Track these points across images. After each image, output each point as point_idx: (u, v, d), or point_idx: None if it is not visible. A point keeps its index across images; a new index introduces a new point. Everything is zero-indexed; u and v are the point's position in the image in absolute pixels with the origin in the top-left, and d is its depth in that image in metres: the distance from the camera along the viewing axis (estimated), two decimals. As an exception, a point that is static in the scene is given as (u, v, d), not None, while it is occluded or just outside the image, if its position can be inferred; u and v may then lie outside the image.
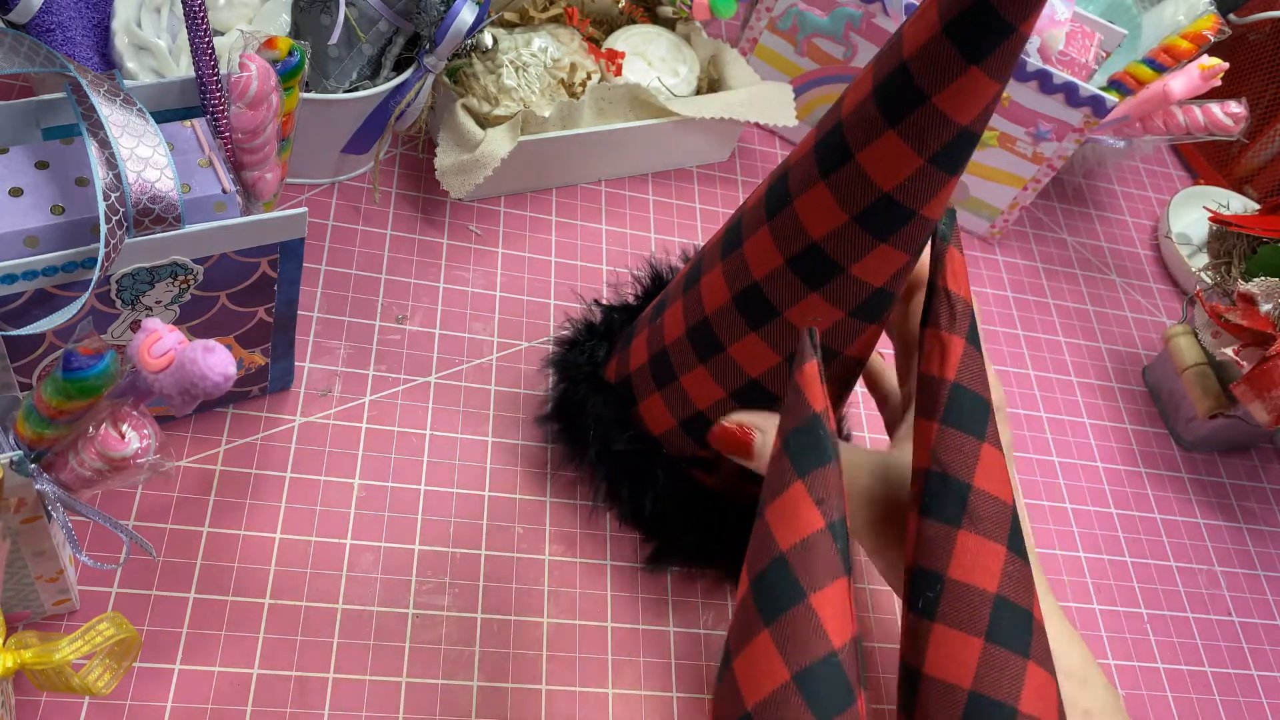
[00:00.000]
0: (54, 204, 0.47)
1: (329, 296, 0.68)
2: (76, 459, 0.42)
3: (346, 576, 0.57)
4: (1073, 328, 0.86)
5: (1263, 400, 0.69)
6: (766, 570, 0.35)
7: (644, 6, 0.85)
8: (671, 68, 0.81)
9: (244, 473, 0.59)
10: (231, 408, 0.61)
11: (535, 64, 0.74)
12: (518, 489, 0.63)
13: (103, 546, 0.55)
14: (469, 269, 0.72)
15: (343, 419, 0.63)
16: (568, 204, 0.79)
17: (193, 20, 0.50)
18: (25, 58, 0.49)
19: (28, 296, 0.46)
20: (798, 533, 0.35)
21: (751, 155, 0.88)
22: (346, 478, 0.61)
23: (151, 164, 0.45)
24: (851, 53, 0.83)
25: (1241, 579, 0.75)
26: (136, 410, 0.42)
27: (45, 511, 0.44)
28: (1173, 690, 0.68)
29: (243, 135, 0.50)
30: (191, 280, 0.50)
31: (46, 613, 0.51)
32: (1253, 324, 0.71)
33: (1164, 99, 0.81)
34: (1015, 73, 0.78)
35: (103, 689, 0.44)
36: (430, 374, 0.67)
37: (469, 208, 0.76)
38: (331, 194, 0.73)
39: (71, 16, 0.61)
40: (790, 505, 0.35)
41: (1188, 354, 0.79)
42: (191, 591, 0.54)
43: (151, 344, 0.39)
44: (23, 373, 0.50)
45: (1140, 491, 0.77)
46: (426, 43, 0.67)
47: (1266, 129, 0.98)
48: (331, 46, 0.68)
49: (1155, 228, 0.96)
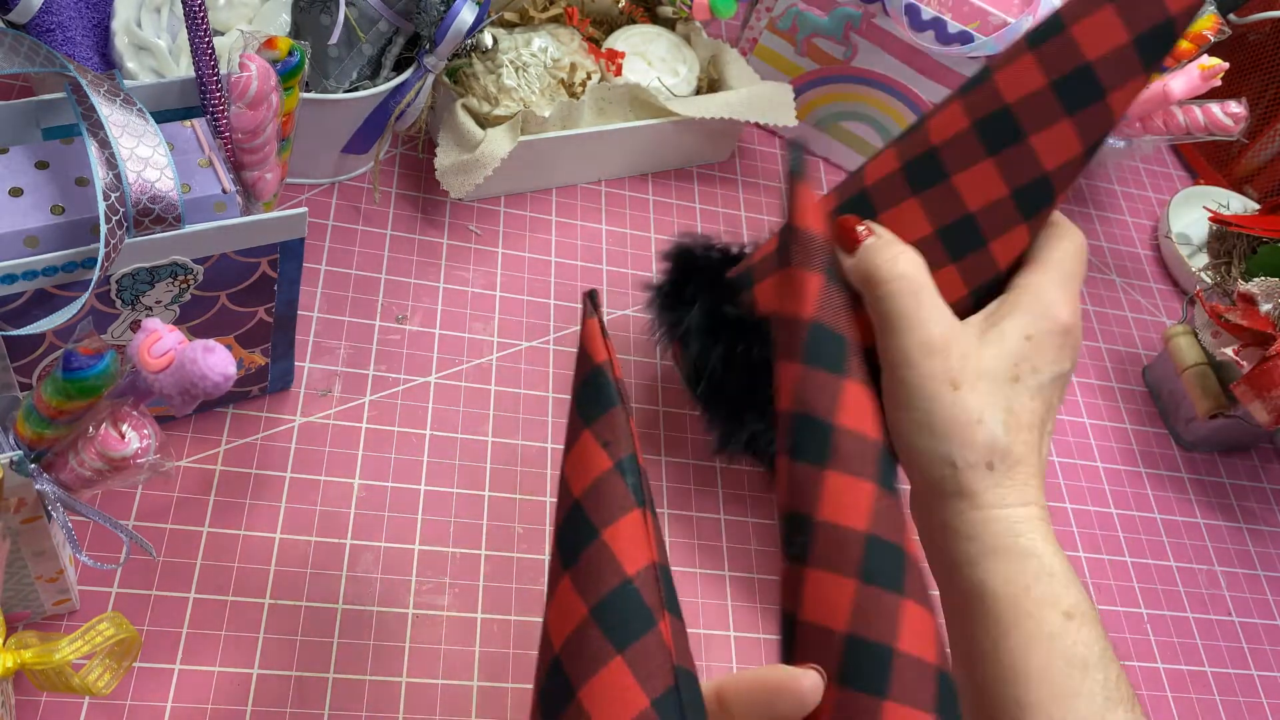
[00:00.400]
0: (54, 204, 0.47)
1: (329, 296, 0.68)
2: (76, 459, 0.42)
3: (346, 576, 0.57)
4: (1073, 328, 0.86)
5: (1263, 400, 0.69)
6: (564, 519, 0.36)
7: (644, 6, 0.85)
8: (671, 68, 0.81)
9: (244, 473, 0.59)
10: (231, 408, 0.61)
11: (535, 64, 0.74)
12: (518, 489, 0.63)
13: (103, 546, 0.55)
14: (469, 269, 0.72)
15: (343, 419, 0.63)
16: (568, 204, 0.79)
17: (193, 20, 0.50)
18: (25, 58, 0.49)
19: (28, 296, 0.46)
20: (588, 476, 0.35)
21: (751, 155, 0.88)
22: (346, 478, 0.61)
23: (151, 164, 0.45)
24: (851, 53, 0.83)
25: (1241, 579, 0.75)
26: (136, 410, 0.42)
27: (45, 511, 0.44)
28: (1173, 690, 0.68)
29: (243, 135, 0.50)
30: (191, 280, 0.50)
31: (46, 613, 0.51)
32: (1253, 324, 0.71)
33: (1164, 99, 0.81)
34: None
35: (103, 689, 0.44)
36: (430, 374, 0.67)
37: (469, 208, 0.76)
38: (331, 194, 0.73)
39: (71, 16, 0.61)
40: (581, 454, 0.36)
41: (1188, 354, 0.79)
42: (191, 591, 0.54)
43: (151, 344, 0.39)
44: (23, 373, 0.50)
45: (1140, 491, 0.77)
46: (426, 43, 0.67)
47: (1266, 129, 0.98)
48: (331, 46, 0.68)
49: (1155, 228, 0.96)
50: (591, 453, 0.36)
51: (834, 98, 0.86)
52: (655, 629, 0.34)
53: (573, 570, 0.35)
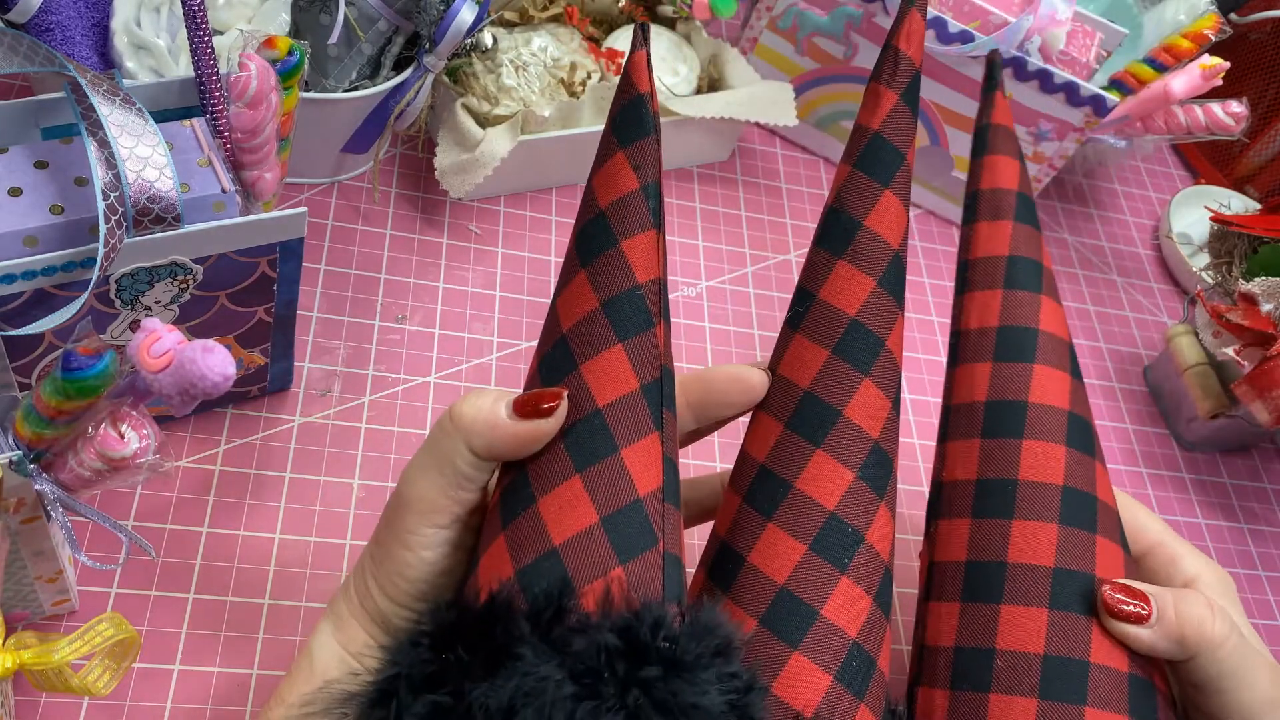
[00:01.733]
0: (53, 204, 0.46)
1: (329, 296, 0.68)
2: (76, 459, 0.42)
3: (346, 577, 0.57)
4: (1074, 327, 0.86)
5: (1264, 400, 0.69)
6: (587, 225, 0.41)
7: (644, 6, 0.85)
8: (671, 67, 0.81)
9: (243, 473, 0.59)
10: (231, 408, 0.61)
11: (535, 63, 0.74)
12: (518, 489, 0.63)
13: (102, 546, 0.55)
14: (469, 269, 0.72)
15: (342, 419, 0.63)
16: (568, 204, 0.79)
17: (192, 20, 0.50)
18: (24, 57, 0.49)
19: (27, 296, 0.46)
20: (616, 192, 0.40)
21: (751, 155, 0.88)
22: (346, 478, 0.61)
23: (151, 163, 0.45)
24: (852, 52, 0.83)
25: (1242, 579, 0.75)
26: (136, 410, 0.42)
27: (45, 511, 0.44)
28: (1174, 690, 0.68)
29: (242, 135, 0.50)
30: (191, 280, 0.50)
31: (46, 613, 0.51)
32: (1254, 324, 0.71)
33: (1165, 98, 0.81)
34: (1016, 72, 0.78)
35: (102, 689, 0.44)
36: (430, 374, 0.66)
37: (469, 207, 0.76)
38: (331, 194, 0.73)
39: (71, 16, 0.61)
40: (612, 171, 0.40)
41: (1189, 354, 0.79)
42: (191, 592, 0.54)
43: (151, 344, 0.39)
44: (22, 373, 0.50)
45: (1141, 491, 0.77)
46: (426, 42, 0.67)
47: (1267, 128, 0.98)
48: (331, 46, 0.68)
49: (1156, 227, 0.96)
50: (622, 172, 0.40)
51: (834, 97, 0.86)
52: (652, 330, 0.39)
53: (589, 269, 0.40)
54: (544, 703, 0.32)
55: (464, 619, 0.35)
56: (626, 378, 0.38)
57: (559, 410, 0.38)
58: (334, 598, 0.43)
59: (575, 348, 0.39)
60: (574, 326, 0.39)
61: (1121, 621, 0.44)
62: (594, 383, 0.38)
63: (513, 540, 0.37)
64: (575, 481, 0.37)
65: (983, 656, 0.44)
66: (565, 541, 0.36)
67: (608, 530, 0.36)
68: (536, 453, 0.38)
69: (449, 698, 0.33)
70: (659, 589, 0.36)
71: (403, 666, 0.35)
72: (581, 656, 0.33)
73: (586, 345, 0.39)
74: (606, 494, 0.37)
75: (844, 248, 0.44)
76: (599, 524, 0.36)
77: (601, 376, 0.38)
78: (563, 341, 0.40)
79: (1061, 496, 0.46)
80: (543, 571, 0.36)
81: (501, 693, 0.32)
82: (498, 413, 0.38)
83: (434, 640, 0.35)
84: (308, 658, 0.42)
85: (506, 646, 0.33)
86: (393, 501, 0.41)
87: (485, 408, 0.38)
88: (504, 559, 0.37)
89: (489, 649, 0.34)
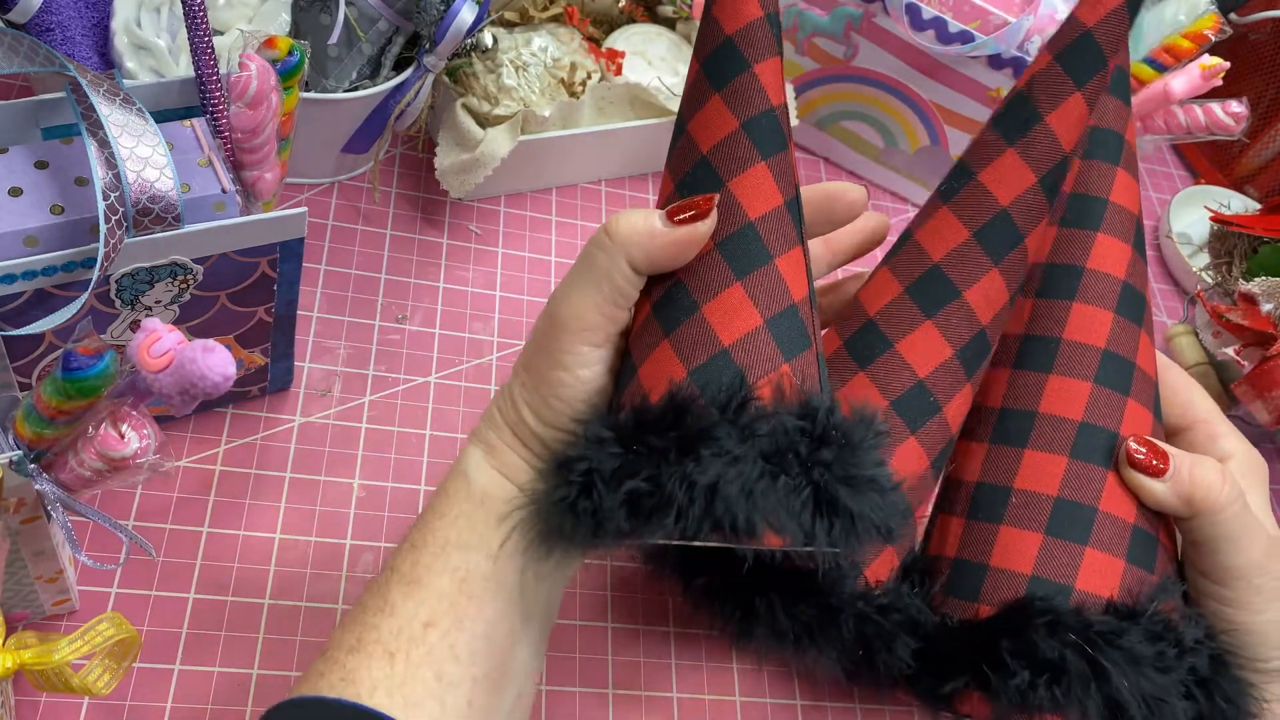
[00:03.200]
0: (53, 204, 0.47)
1: (329, 296, 0.68)
2: (76, 459, 0.42)
3: (346, 576, 0.57)
4: (1073, 327, 0.86)
5: (1264, 400, 0.69)
6: (716, 50, 0.42)
7: (644, 6, 0.85)
8: (671, 67, 0.81)
9: (244, 473, 0.59)
10: (231, 408, 0.61)
11: (535, 63, 0.74)
12: (518, 489, 0.63)
13: (102, 546, 0.55)
14: (469, 269, 0.72)
15: (342, 419, 0.63)
16: (568, 204, 0.79)
17: (192, 20, 0.50)
18: (25, 57, 0.49)
19: (27, 296, 0.46)
20: (741, 20, 0.42)
21: (752, 155, 0.87)
22: (346, 478, 0.61)
23: (151, 164, 0.45)
24: (852, 52, 0.83)
25: (1242, 579, 0.75)
26: (136, 410, 0.42)
27: (45, 511, 0.44)
28: (1173, 690, 0.68)
29: (242, 135, 0.50)
30: (191, 280, 0.50)
31: (46, 613, 0.51)
32: (1254, 324, 0.71)
33: (1165, 98, 0.81)
34: (1016, 72, 0.78)
35: (102, 689, 0.44)
36: (430, 374, 0.66)
37: (469, 207, 0.76)
38: (331, 194, 0.73)
39: (71, 16, 0.61)
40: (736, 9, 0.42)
41: (1189, 354, 0.79)
42: (191, 591, 0.54)
43: (151, 344, 0.39)
44: (22, 373, 0.50)
45: (1141, 491, 0.77)
46: (426, 42, 0.67)
47: (1267, 128, 0.98)
48: (331, 46, 0.68)
49: (1156, 227, 0.96)
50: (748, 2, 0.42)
51: (834, 97, 0.86)
52: (787, 151, 0.42)
53: (724, 92, 0.42)
54: (747, 478, 0.36)
55: (644, 415, 0.38)
56: (772, 193, 0.41)
57: (712, 214, 0.40)
58: (477, 428, 0.45)
59: (719, 166, 0.42)
60: (715, 147, 0.42)
61: (1138, 472, 0.47)
62: (743, 198, 0.41)
63: (678, 343, 0.40)
64: (737, 288, 0.40)
65: (1000, 493, 0.48)
66: (735, 342, 0.39)
67: (772, 331, 0.40)
68: (691, 264, 0.41)
69: (645, 484, 0.37)
70: (817, 384, 0.40)
71: (593, 462, 0.38)
72: (769, 439, 0.37)
73: (731, 163, 0.41)
74: (767, 299, 0.40)
75: (1018, 136, 0.46)
76: (764, 326, 0.40)
77: (750, 192, 0.41)
78: (705, 163, 0.42)
79: (1101, 358, 0.48)
80: (717, 368, 0.39)
81: (709, 469, 0.36)
82: (653, 223, 0.40)
83: (620, 435, 0.38)
84: (464, 480, 0.44)
85: (702, 433, 0.37)
86: (543, 325, 0.42)
87: (640, 219, 0.40)
88: (672, 361, 0.40)
89: (682, 436, 0.37)
